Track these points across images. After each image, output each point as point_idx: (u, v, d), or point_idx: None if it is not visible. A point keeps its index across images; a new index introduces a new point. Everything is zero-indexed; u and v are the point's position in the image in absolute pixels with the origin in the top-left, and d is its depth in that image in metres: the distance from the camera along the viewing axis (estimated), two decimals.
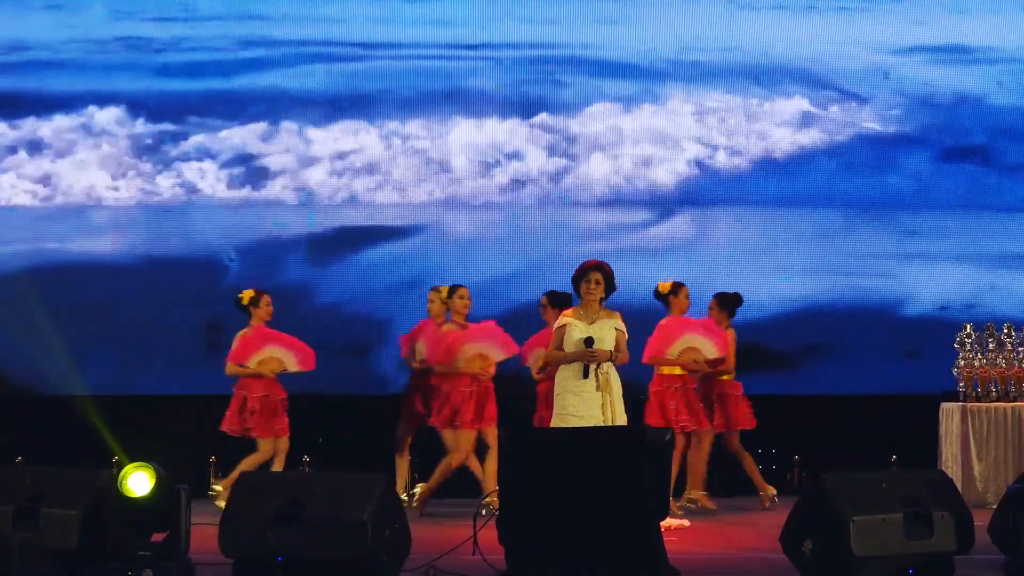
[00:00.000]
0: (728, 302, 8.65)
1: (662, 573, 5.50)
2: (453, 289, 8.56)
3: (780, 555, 5.79)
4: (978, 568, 5.69)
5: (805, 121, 10.02)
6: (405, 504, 7.81)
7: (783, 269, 9.76)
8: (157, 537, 5.61)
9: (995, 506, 6.28)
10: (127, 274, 8.75)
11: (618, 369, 7.18)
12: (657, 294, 8.53)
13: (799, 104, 10.03)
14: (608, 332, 7.07)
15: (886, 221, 9.95)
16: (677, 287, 8.48)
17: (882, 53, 10.01)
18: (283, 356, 8.23)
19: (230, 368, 8.27)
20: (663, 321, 8.43)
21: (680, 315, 8.43)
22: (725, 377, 8.48)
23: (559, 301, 8.31)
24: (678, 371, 8.30)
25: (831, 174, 10.00)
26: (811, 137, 10.00)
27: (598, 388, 7.02)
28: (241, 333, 8.30)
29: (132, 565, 5.32)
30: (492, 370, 8.36)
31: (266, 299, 8.32)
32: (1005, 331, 8.82)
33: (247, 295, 8.36)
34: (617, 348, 7.11)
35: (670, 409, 8.25)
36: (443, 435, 8.34)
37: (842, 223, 9.94)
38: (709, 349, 8.28)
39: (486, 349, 8.26)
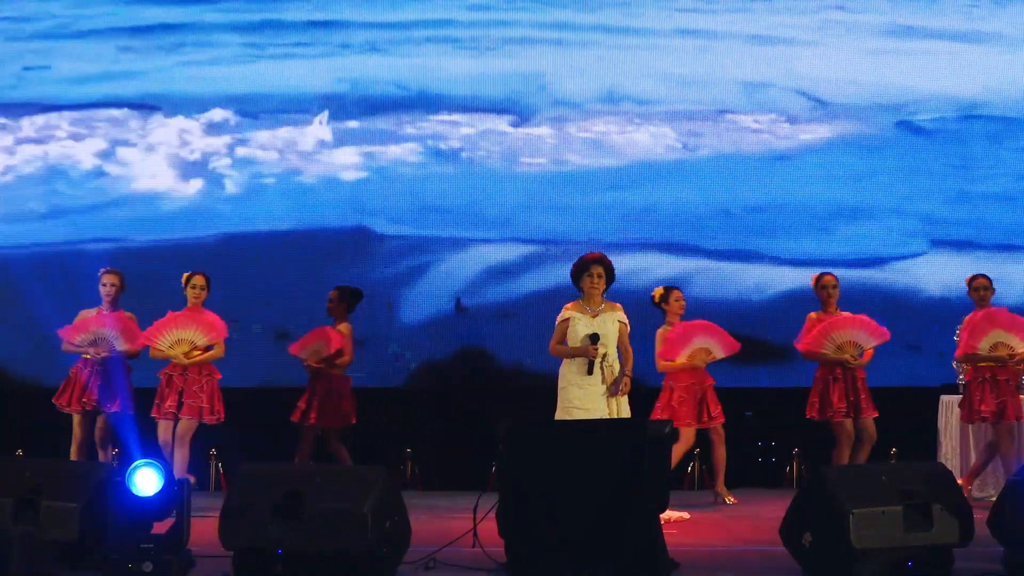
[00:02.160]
0: (348, 295, 8.60)
1: (662, 565, 5.51)
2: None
3: (780, 548, 5.80)
4: (977, 560, 5.68)
5: (807, 119, 10.02)
6: None
7: (782, 261, 9.77)
8: (158, 528, 5.62)
9: (994, 498, 6.29)
10: (127, 265, 8.72)
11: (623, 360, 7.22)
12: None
13: (802, 102, 10.05)
14: (612, 326, 7.10)
15: (885, 213, 9.94)
16: (973, 278, 8.36)
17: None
18: (710, 346, 8.33)
19: (662, 365, 8.35)
20: (973, 316, 8.28)
21: (983, 308, 8.28)
22: None
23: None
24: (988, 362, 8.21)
25: (831, 166, 10.00)
26: (811, 133, 10.00)
27: (603, 381, 7.04)
28: (662, 330, 8.42)
29: (132, 558, 5.33)
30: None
31: (675, 294, 8.45)
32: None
33: (658, 292, 8.50)
34: (621, 344, 7.13)
35: (976, 399, 8.16)
36: None
37: (841, 214, 9.93)
38: (1017, 343, 8.13)
39: (856, 335, 8.09)
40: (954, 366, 8.77)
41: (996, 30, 10.15)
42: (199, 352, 8.02)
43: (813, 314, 8.33)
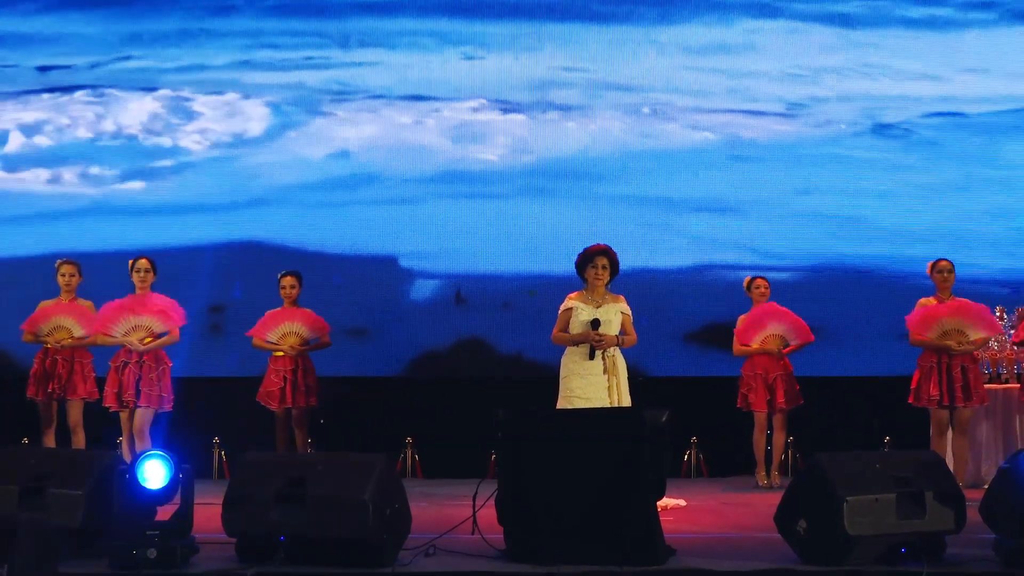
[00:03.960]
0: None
1: (658, 552, 5.51)
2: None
3: (775, 534, 5.79)
4: (969, 547, 5.69)
5: (798, 117, 10.02)
6: None
7: (774, 252, 9.77)
8: (162, 514, 5.63)
9: (986, 486, 6.29)
10: (126, 251, 8.76)
11: (624, 352, 7.23)
12: None
13: (796, 99, 10.07)
14: (615, 315, 7.13)
15: (875, 204, 9.93)
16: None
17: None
18: (783, 332, 8.57)
19: (737, 349, 8.62)
20: None
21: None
22: None
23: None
24: None
25: (821, 160, 9.99)
26: (800, 129, 10.00)
27: (605, 371, 7.07)
28: (742, 316, 8.67)
29: (137, 544, 5.33)
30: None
31: (756, 283, 8.70)
32: (997, 314, 8.81)
33: (745, 281, 8.75)
34: (624, 331, 7.17)
35: None
36: None
37: (836, 206, 9.93)
38: None
39: (963, 324, 7.93)
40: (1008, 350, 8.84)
41: None
42: (152, 339, 8.03)
43: (924, 299, 8.19)
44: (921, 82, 10.04)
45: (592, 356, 7.05)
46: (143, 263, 8.17)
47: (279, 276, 8.64)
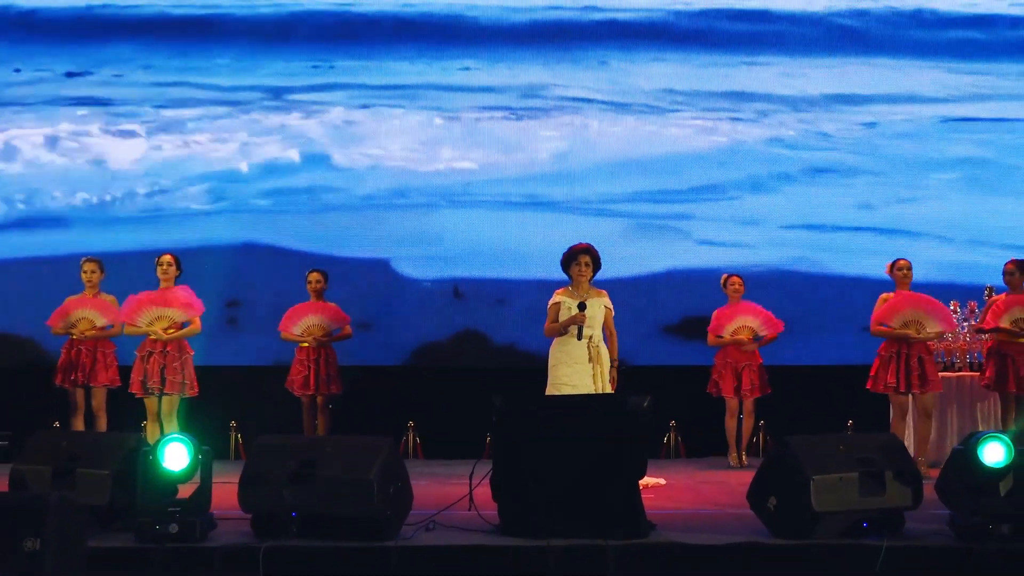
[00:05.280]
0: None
1: (640, 527, 5.53)
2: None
3: (747, 511, 5.81)
4: (926, 522, 5.72)
5: (764, 124, 10.01)
6: None
7: (746, 252, 9.77)
8: (183, 492, 5.62)
9: (942, 466, 6.31)
10: (149, 252, 8.72)
11: (607, 342, 7.25)
12: None
13: (763, 107, 10.05)
14: (599, 309, 7.17)
15: (843, 197, 9.93)
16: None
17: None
18: (752, 324, 8.57)
19: (711, 340, 8.68)
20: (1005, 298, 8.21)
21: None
22: None
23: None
24: None
25: (786, 163, 9.99)
26: (766, 135, 10.00)
27: (590, 360, 7.10)
28: (717, 311, 8.67)
29: (159, 519, 5.33)
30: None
31: (731, 280, 8.70)
32: (952, 307, 8.83)
33: (722, 279, 8.75)
34: (605, 325, 7.19)
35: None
36: None
37: (802, 197, 9.92)
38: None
39: (921, 316, 7.92)
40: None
41: None
42: (175, 329, 8.04)
43: (885, 294, 8.17)
44: (868, 92, 10.04)
45: (580, 336, 7.08)
46: (167, 258, 8.21)
47: (307, 272, 8.68)
